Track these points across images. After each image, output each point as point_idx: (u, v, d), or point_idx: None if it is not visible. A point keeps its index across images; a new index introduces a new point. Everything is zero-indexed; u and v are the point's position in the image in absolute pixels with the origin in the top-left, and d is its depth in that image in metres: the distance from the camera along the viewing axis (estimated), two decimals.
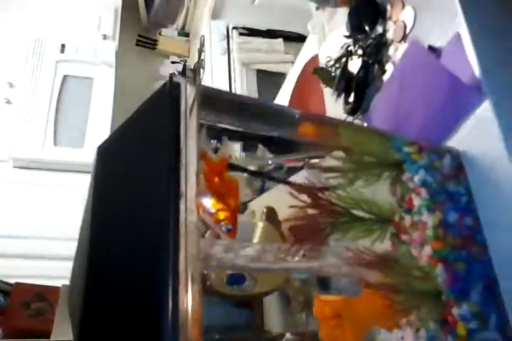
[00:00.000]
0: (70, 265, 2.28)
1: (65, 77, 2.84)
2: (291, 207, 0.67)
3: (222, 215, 0.50)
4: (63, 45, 2.88)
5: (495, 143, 0.64)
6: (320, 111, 1.28)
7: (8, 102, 2.77)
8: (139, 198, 0.58)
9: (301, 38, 2.76)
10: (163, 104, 0.58)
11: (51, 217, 2.68)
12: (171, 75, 0.56)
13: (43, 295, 1.65)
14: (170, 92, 0.58)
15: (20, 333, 1.59)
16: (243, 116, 0.64)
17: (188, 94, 0.59)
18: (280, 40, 2.83)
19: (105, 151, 0.62)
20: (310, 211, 0.66)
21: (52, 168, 2.81)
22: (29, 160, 2.74)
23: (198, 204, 0.55)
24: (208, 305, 0.54)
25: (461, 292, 0.61)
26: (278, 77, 2.80)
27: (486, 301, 0.62)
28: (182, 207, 0.54)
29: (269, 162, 1.43)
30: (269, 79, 2.78)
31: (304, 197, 0.67)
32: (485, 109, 0.65)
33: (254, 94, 2.72)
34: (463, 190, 0.68)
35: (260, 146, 1.37)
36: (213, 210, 0.51)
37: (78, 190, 2.76)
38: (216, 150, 0.57)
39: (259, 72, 2.79)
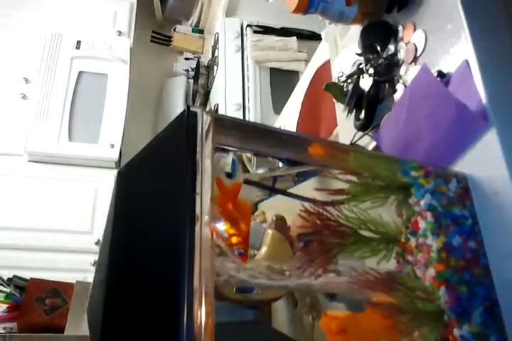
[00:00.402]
0: (82, 257, 2.33)
1: (80, 73, 2.87)
2: (300, 227, 0.70)
3: (234, 240, 0.53)
4: (79, 42, 2.91)
5: (499, 170, 0.66)
6: (331, 116, 1.31)
7: (24, 97, 2.82)
8: (156, 220, 0.61)
9: (314, 37, 2.77)
10: (181, 131, 0.61)
11: (65, 210, 2.73)
12: (188, 105, 0.59)
13: (58, 290, 1.69)
14: (187, 120, 0.61)
15: (35, 328, 1.64)
16: (254, 141, 0.67)
17: (204, 121, 0.62)
18: (294, 38, 2.84)
19: (125, 175, 0.65)
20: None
21: (67, 162, 2.85)
22: (44, 154, 2.78)
23: (212, 227, 0.57)
24: (218, 304, 0.57)
25: (463, 313, 0.64)
26: (291, 76, 2.82)
27: (487, 323, 0.64)
28: (197, 229, 0.57)
29: (280, 166, 1.46)
30: (283, 78, 2.80)
31: (313, 218, 0.69)
32: (490, 137, 0.67)
33: (267, 93, 2.74)
34: (468, 213, 0.70)
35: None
36: (226, 235, 0.54)
37: (91, 184, 2.81)
38: (229, 175, 0.60)
39: (272, 70, 2.80)
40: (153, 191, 0.63)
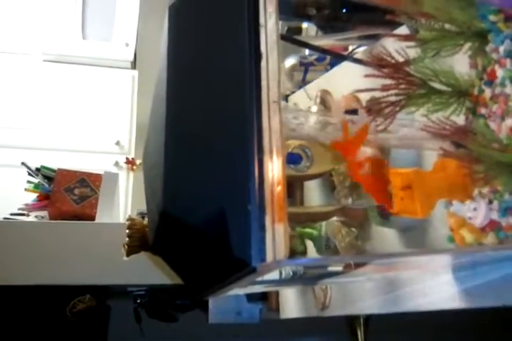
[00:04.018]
0: (103, 157, 2.29)
1: None
2: (367, 76, 0.64)
3: None
4: None
5: None
6: None
7: None
8: (216, 57, 0.55)
9: None
10: None
11: (82, 112, 2.69)
12: None
13: (86, 181, 1.69)
14: None
15: (66, 217, 1.65)
16: None
17: None
18: None
19: (177, 10, 0.58)
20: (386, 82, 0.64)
21: (82, 62, 2.78)
22: (58, 53, 2.71)
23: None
24: None
25: None
26: None
27: None
28: (263, 65, 0.51)
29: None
30: None
31: (380, 68, 0.64)
32: None
33: None
34: None
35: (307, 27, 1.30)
36: None
37: (107, 84, 2.74)
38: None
39: None
40: (210, 26, 0.57)
